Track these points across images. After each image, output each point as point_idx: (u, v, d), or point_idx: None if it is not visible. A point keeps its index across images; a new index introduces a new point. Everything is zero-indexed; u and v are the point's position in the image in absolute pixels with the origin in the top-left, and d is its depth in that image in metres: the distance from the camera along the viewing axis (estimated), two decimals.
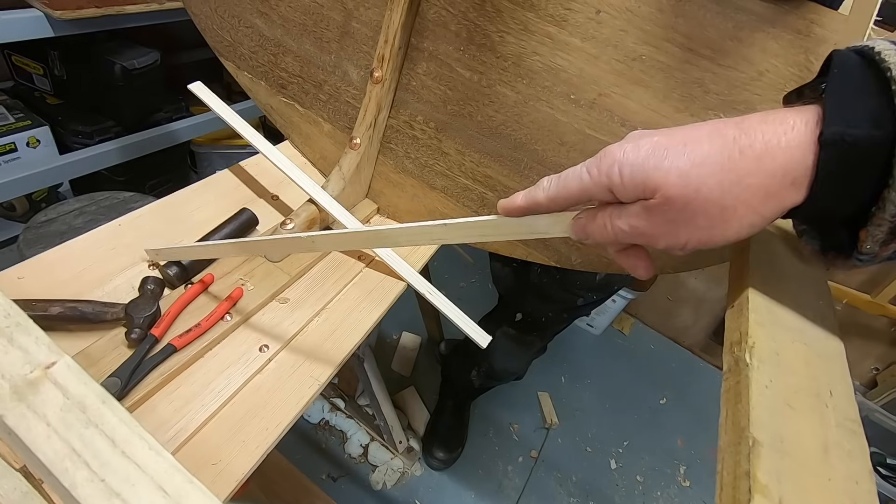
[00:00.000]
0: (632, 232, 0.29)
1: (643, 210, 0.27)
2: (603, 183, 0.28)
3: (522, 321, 1.04)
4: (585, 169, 0.29)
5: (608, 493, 1.40)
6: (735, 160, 0.25)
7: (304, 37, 0.62)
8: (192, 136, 1.54)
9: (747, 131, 0.26)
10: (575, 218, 0.31)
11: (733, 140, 0.26)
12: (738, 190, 0.25)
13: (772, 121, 0.25)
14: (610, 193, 0.28)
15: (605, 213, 0.30)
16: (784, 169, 0.25)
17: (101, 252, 0.51)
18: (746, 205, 0.26)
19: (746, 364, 0.25)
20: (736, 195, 0.25)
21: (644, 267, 0.32)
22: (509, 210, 0.33)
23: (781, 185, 0.25)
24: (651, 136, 0.28)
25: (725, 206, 0.26)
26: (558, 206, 0.31)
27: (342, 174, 0.61)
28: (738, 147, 0.25)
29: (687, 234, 0.27)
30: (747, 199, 0.25)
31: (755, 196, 0.25)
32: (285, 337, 0.49)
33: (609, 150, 0.28)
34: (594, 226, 0.30)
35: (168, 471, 0.22)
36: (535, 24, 0.49)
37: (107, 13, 1.09)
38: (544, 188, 0.31)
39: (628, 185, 0.27)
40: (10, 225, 1.42)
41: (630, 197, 0.28)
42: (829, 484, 0.20)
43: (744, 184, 0.25)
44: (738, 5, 0.42)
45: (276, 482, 1.07)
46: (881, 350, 1.66)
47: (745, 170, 0.25)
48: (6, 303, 0.26)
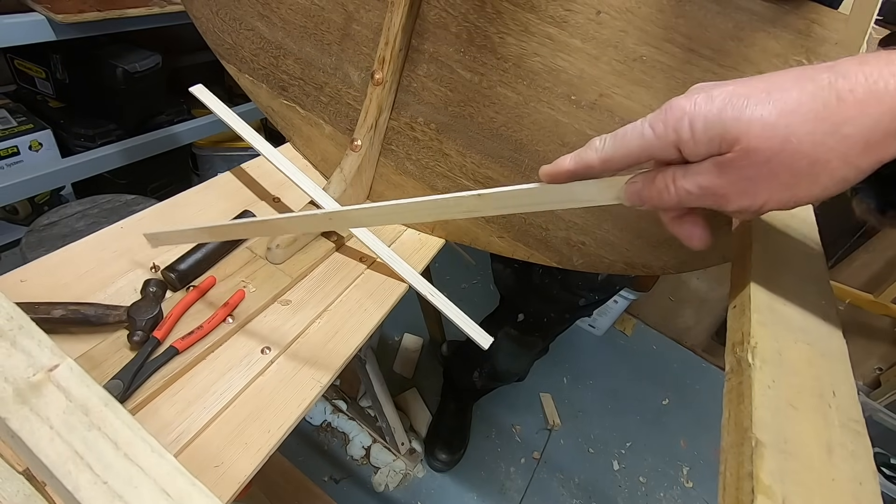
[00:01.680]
0: (700, 193, 0.26)
1: (716, 167, 0.25)
2: (669, 139, 0.25)
3: (524, 322, 1.04)
4: (648, 124, 0.26)
5: (611, 494, 1.40)
6: (832, 107, 0.23)
7: (304, 39, 0.62)
8: (194, 138, 1.55)
9: (845, 75, 0.23)
10: (629, 182, 0.28)
11: (829, 84, 0.23)
12: (834, 141, 0.23)
13: (874, 62, 0.23)
14: (676, 151, 0.26)
15: (667, 173, 0.27)
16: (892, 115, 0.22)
17: (103, 255, 0.52)
18: (842, 157, 0.23)
19: (749, 364, 0.25)
20: (830, 147, 0.23)
21: (700, 236, 0.29)
22: (554, 176, 0.30)
23: (885, 133, 0.22)
24: (724, 86, 0.25)
25: (817, 159, 0.23)
26: (613, 168, 0.28)
27: (343, 176, 0.61)
28: (836, 92, 0.23)
29: (767, 192, 0.25)
30: (843, 151, 0.23)
31: (853, 147, 0.23)
32: (287, 339, 0.49)
33: (675, 103, 0.26)
34: (653, 189, 0.27)
35: (171, 473, 0.22)
36: (535, 25, 0.49)
37: (108, 17, 1.10)
38: (597, 148, 0.28)
39: (700, 140, 0.25)
40: (12, 228, 1.42)
41: (700, 154, 0.25)
42: (833, 484, 0.20)
43: (840, 134, 0.23)
44: (739, 5, 0.42)
45: (278, 484, 1.07)
46: (884, 350, 1.65)
47: (844, 117, 0.22)
48: (9, 306, 0.26)
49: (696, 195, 0.26)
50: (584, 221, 0.56)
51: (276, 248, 0.54)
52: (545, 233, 0.59)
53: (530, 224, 0.59)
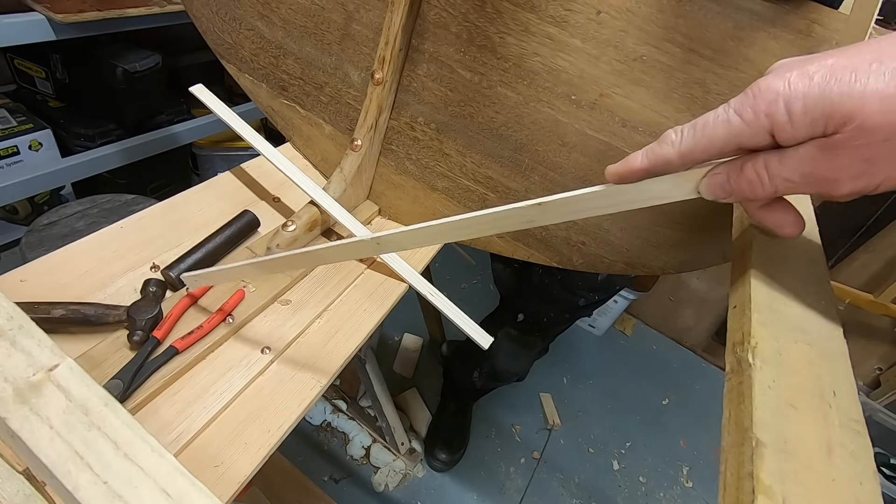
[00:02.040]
0: (803, 180, 0.24)
1: (820, 151, 0.22)
2: (761, 125, 0.23)
3: (524, 322, 1.04)
4: (733, 111, 0.24)
5: (611, 494, 1.40)
6: None
7: (304, 39, 0.62)
8: (194, 138, 1.55)
9: None
10: (711, 174, 0.26)
11: None
12: None
13: None
14: (769, 137, 0.23)
15: (758, 162, 0.24)
16: None
17: (103, 254, 0.52)
18: None
19: (749, 364, 0.25)
20: None
21: (793, 223, 0.27)
22: (624, 175, 0.28)
23: None
24: (820, 60, 0.22)
25: None
26: (693, 161, 0.26)
27: (343, 176, 0.61)
28: None
29: (885, 171, 0.22)
30: None
31: None
32: (287, 339, 0.49)
33: (765, 85, 0.23)
34: (742, 180, 0.25)
35: (171, 473, 0.22)
36: (535, 25, 0.49)
37: (108, 16, 1.10)
38: (673, 142, 0.26)
39: (800, 123, 0.22)
40: (12, 228, 1.42)
41: (800, 136, 0.23)
42: (833, 484, 0.20)
43: None
44: (739, 5, 0.42)
45: (278, 484, 1.07)
46: (884, 350, 1.65)
47: None
48: (9, 305, 0.26)
49: (797, 183, 0.24)
50: (584, 221, 0.56)
51: (277, 248, 0.54)
52: (545, 233, 0.59)
53: None
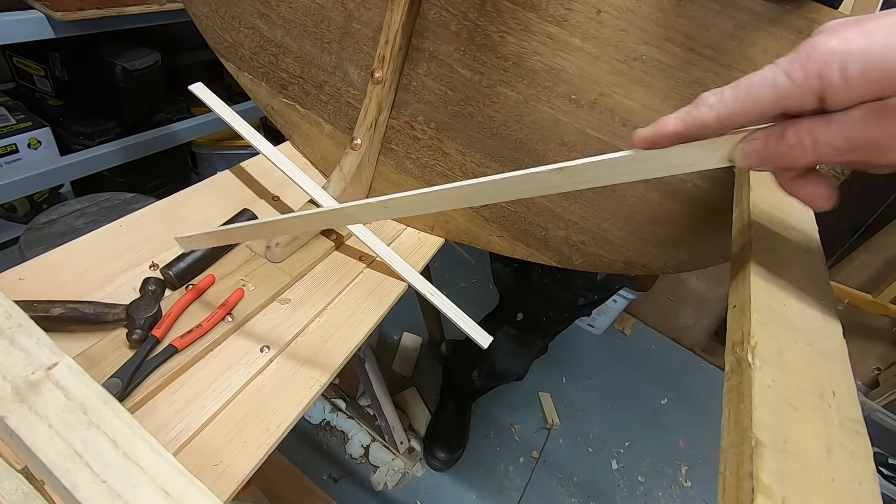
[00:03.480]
0: (849, 147, 0.22)
1: (872, 115, 0.21)
2: (811, 86, 0.22)
3: (523, 321, 1.04)
4: (782, 71, 0.22)
5: (610, 493, 1.40)
6: None
7: (304, 37, 0.62)
8: (193, 136, 1.55)
9: None
10: (747, 140, 0.25)
11: None
12: None
13: None
14: (817, 100, 0.22)
15: (802, 127, 0.23)
16: None
17: (102, 253, 0.51)
18: None
19: (749, 364, 0.25)
20: None
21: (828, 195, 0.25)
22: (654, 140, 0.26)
23: None
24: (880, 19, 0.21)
25: None
26: (733, 125, 0.25)
27: (343, 175, 0.61)
28: None
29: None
30: None
31: None
32: (286, 338, 0.49)
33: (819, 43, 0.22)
34: (783, 146, 0.23)
35: (170, 472, 0.22)
36: (535, 24, 0.49)
37: (107, 14, 1.09)
38: (712, 105, 0.24)
39: (855, 85, 0.21)
40: (11, 226, 1.42)
41: (852, 100, 0.21)
42: (833, 484, 0.20)
43: None
44: (740, 5, 0.42)
45: (277, 483, 1.07)
46: (883, 350, 1.65)
47: None
48: (7, 304, 0.26)
49: (843, 150, 0.22)
50: (584, 221, 0.56)
51: (276, 247, 0.53)
52: (545, 232, 0.59)
53: (530, 223, 0.59)
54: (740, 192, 0.40)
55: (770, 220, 0.36)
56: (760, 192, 0.38)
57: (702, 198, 0.50)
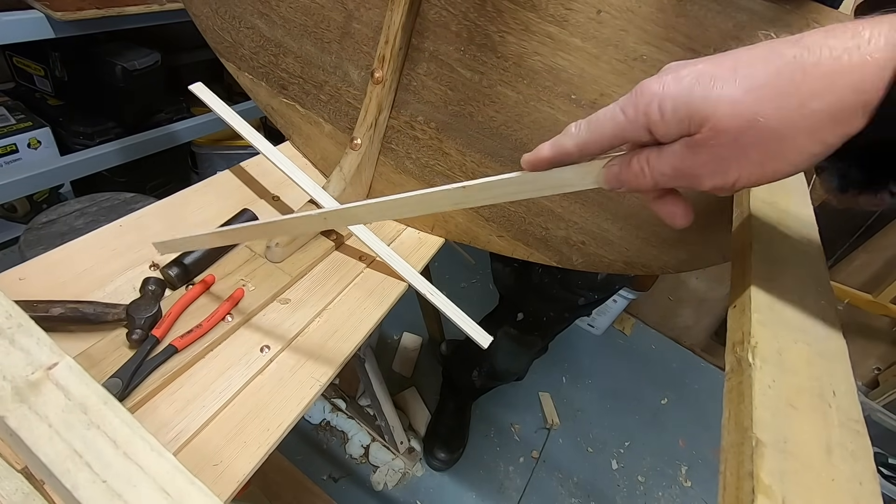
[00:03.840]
0: (674, 174, 0.26)
1: (686, 148, 0.25)
2: (640, 122, 0.26)
3: (524, 321, 1.04)
4: (619, 108, 0.26)
5: (609, 493, 1.40)
6: (797, 82, 0.22)
7: (304, 37, 0.62)
8: (193, 136, 1.54)
9: (811, 48, 0.22)
10: (606, 166, 0.29)
11: (794, 59, 0.22)
12: (800, 117, 0.22)
13: (840, 34, 0.22)
14: (648, 133, 0.26)
15: (642, 156, 0.27)
16: (856, 88, 0.21)
17: (102, 253, 0.51)
18: (809, 133, 0.23)
19: (749, 364, 0.25)
20: (797, 123, 0.22)
21: (682, 214, 0.29)
22: (534, 163, 0.31)
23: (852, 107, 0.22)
24: (693, 65, 0.25)
25: (784, 135, 0.23)
26: (589, 152, 0.28)
27: (343, 175, 0.61)
28: (801, 67, 0.22)
29: (738, 170, 0.25)
30: (810, 127, 0.22)
31: (820, 122, 0.22)
32: (286, 337, 0.49)
33: (646, 85, 0.25)
34: (629, 172, 0.27)
35: (170, 472, 0.22)
36: (535, 24, 0.49)
37: (107, 14, 1.09)
38: (573, 135, 0.29)
39: (670, 122, 0.25)
40: (11, 226, 1.42)
41: (672, 135, 0.25)
42: (833, 484, 0.20)
43: (807, 109, 0.22)
44: (740, 5, 0.42)
45: (277, 483, 1.07)
46: (883, 350, 1.65)
47: (810, 92, 0.22)
48: (8, 304, 0.26)
49: (669, 176, 0.26)
50: (584, 221, 0.56)
51: (276, 247, 0.53)
52: (545, 232, 0.59)
53: (530, 223, 0.59)
54: (740, 193, 0.40)
55: (770, 220, 0.36)
56: (760, 193, 0.38)
57: (702, 198, 0.50)
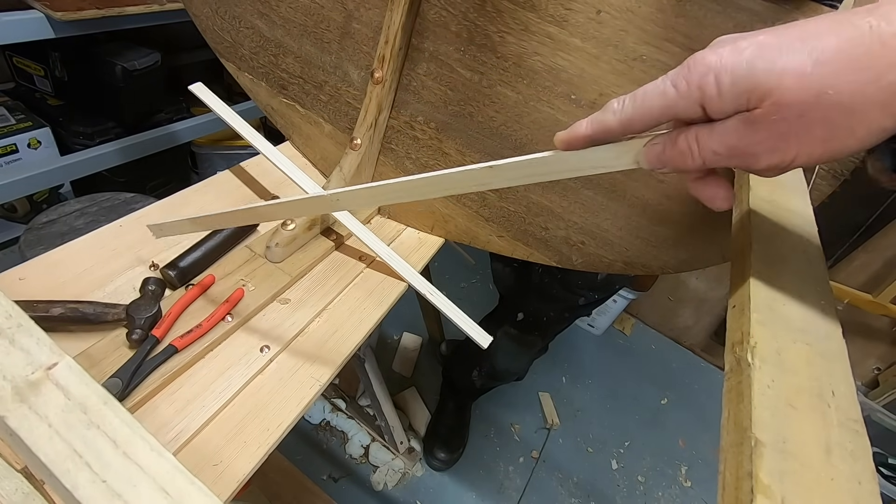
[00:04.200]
0: (727, 153, 0.25)
1: (743, 124, 0.24)
2: (694, 97, 0.24)
3: (524, 321, 1.04)
4: (670, 82, 0.25)
5: (609, 493, 1.40)
6: (874, 54, 0.21)
7: (304, 37, 0.62)
8: (193, 136, 1.54)
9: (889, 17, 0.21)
10: (648, 144, 0.27)
11: (870, 29, 0.21)
12: (875, 90, 0.21)
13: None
14: (700, 109, 0.25)
15: (690, 134, 0.25)
16: None
17: (102, 253, 0.51)
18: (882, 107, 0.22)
19: (748, 364, 0.25)
20: (871, 96, 0.21)
21: (724, 196, 0.28)
22: (571, 142, 0.29)
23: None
24: (753, 36, 0.23)
25: (854, 110, 0.22)
26: (633, 130, 0.27)
27: (343, 175, 0.61)
28: (879, 37, 0.21)
29: (798, 147, 0.23)
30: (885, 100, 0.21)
31: None
32: (286, 338, 0.49)
33: (700, 58, 0.24)
34: (675, 151, 0.26)
35: (170, 472, 0.22)
36: (535, 24, 0.49)
37: (107, 14, 1.09)
38: (615, 111, 0.27)
39: (728, 96, 0.23)
40: (11, 226, 1.42)
41: (727, 110, 0.24)
42: (832, 484, 0.20)
43: (884, 81, 0.21)
44: (739, 5, 0.42)
45: (277, 483, 1.07)
46: (883, 350, 1.65)
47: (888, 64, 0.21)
48: (8, 304, 0.26)
49: (723, 155, 0.25)
50: (584, 221, 0.56)
51: (276, 247, 0.54)
52: (545, 232, 0.59)
53: (530, 223, 0.59)
54: (740, 192, 0.40)
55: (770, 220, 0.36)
56: (760, 192, 0.38)
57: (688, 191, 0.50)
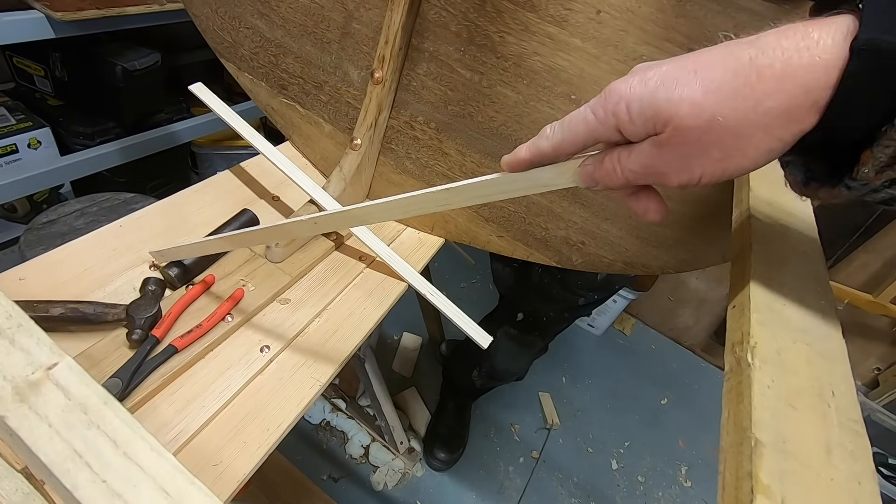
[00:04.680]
0: (643, 172, 0.27)
1: (653, 147, 0.26)
2: (610, 122, 0.27)
3: (524, 321, 1.04)
4: (590, 110, 0.28)
5: (609, 493, 1.40)
6: (752, 83, 0.23)
7: (304, 38, 0.62)
8: (193, 137, 1.54)
9: (765, 50, 0.24)
10: (581, 165, 0.30)
11: (749, 61, 0.24)
12: (756, 116, 0.24)
13: (792, 36, 0.23)
14: (618, 133, 0.27)
15: (613, 155, 0.28)
16: (806, 88, 0.23)
17: (102, 253, 0.51)
18: (765, 131, 0.24)
19: (748, 364, 0.25)
20: (753, 122, 0.24)
21: (655, 209, 0.31)
22: (513, 164, 0.32)
23: (803, 106, 0.23)
24: (659, 67, 0.26)
25: (741, 133, 0.24)
26: (564, 153, 0.30)
27: (343, 175, 0.61)
28: (756, 68, 0.23)
29: (701, 167, 0.26)
30: (766, 125, 0.24)
31: (775, 121, 0.24)
32: (286, 337, 0.49)
33: (614, 87, 0.27)
34: (602, 171, 0.29)
35: (170, 472, 0.22)
36: (535, 24, 0.49)
37: (108, 14, 1.09)
38: (548, 136, 0.30)
39: (637, 122, 0.26)
40: (11, 226, 1.42)
41: (640, 134, 0.26)
42: (832, 484, 0.20)
43: (762, 108, 0.24)
44: (740, 5, 0.42)
45: (277, 483, 1.07)
46: (883, 350, 1.65)
47: (764, 92, 0.23)
48: (8, 304, 0.26)
49: (639, 173, 0.27)
50: (584, 221, 0.56)
51: (276, 247, 0.54)
52: (545, 232, 0.59)
53: (530, 223, 0.59)
54: (740, 192, 0.40)
55: (770, 221, 0.36)
56: (760, 192, 0.38)
57: (702, 198, 0.50)
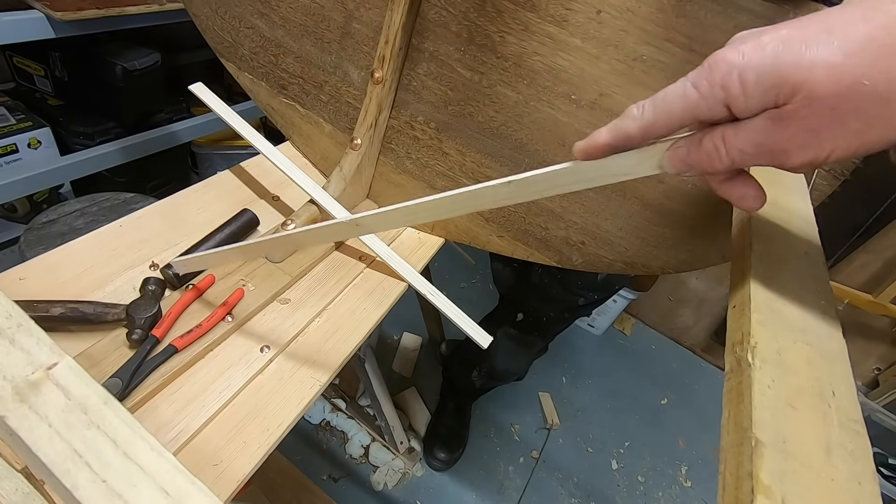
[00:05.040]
0: (756, 152, 0.24)
1: (772, 122, 0.23)
2: (717, 97, 0.23)
3: (524, 321, 1.04)
4: (691, 83, 0.24)
5: (609, 493, 1.40)
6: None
7: (304, 37, 0.62)
8: (193, 136, 1.54)
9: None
10: (672, 148, 0.26)
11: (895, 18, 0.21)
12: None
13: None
14: (725, 109, 0.24)
15: (716, 134, 0.25)
16: None
17: (102, 253, 0.51)
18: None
19: (749, 364, 0.25)
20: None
21: (755, 195, 0.27)
22: (590, 151, 0.28)
23: None
24: (775, 31, 0.23)
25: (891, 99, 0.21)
26: (654, 136, 0.26)
27: (343, 175, 0.61)
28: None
29: (832, 141, 0.22)
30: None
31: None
32: (286, 338, 0.49)
33: (721, 56, 0.23)
34: (701, 153, 0.25)
35: (170, 472, 0.22)
36: (535, 24, 0.49)
37: (108, 14, 1.09)
38: (635, 117, 0.26)
39: (753, 94, 0.22)
40: (11, 226, 1.42)
41: (754, 108, 0.23)
42: (832, 484, 0.20)
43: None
44: (740, 5, 0.42)
45: (277, 483, 1.07)
46: (883, 350, 1.65)
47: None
48: (8, 304, 0.26)
49: (751, 154, 0.24)
50: (584, 221, 0.56)
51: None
52: (545, 232, 0.59)
53: (530, 223, 0.59)
54: None
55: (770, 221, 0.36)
56: None
57: (702, 198, 0.50)
